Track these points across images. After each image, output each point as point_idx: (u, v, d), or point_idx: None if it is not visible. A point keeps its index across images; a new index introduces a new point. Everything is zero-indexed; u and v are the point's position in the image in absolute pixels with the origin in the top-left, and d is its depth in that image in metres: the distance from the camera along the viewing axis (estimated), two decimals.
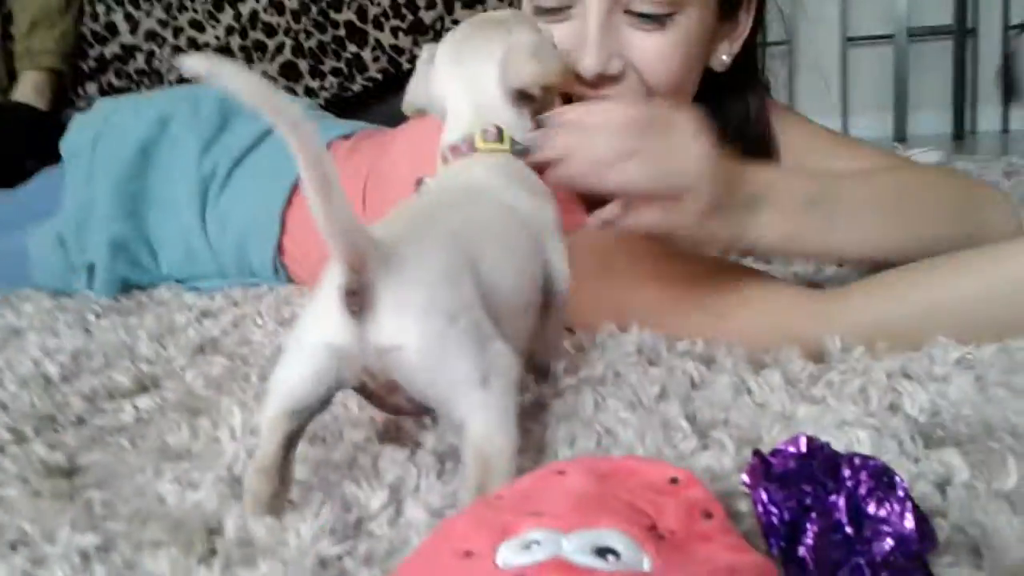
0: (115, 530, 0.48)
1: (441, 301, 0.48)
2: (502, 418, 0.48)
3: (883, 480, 0.41)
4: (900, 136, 3.06)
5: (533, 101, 0.68)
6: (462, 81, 0.68)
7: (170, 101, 1.20)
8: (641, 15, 0.78)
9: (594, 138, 0.64)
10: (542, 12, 0.81)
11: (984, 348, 0.66)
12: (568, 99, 0.77)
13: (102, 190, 1.13)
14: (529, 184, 0.65)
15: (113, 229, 1.13)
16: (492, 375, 0.48)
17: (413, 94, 0.72)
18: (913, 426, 0.55)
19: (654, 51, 0.80)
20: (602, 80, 0.79)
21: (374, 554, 0.44)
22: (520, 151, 0.65)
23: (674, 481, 0.44)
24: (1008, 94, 3.16)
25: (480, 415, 0.47)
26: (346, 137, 1.16)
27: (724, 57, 0.89)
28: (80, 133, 1.19)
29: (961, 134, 3.16)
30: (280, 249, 1.11)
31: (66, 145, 1.19)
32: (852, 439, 0.52)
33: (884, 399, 0.60)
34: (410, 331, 0.47)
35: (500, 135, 0.65)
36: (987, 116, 3.45)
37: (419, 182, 0.65)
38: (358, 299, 0.46)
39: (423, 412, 0.54)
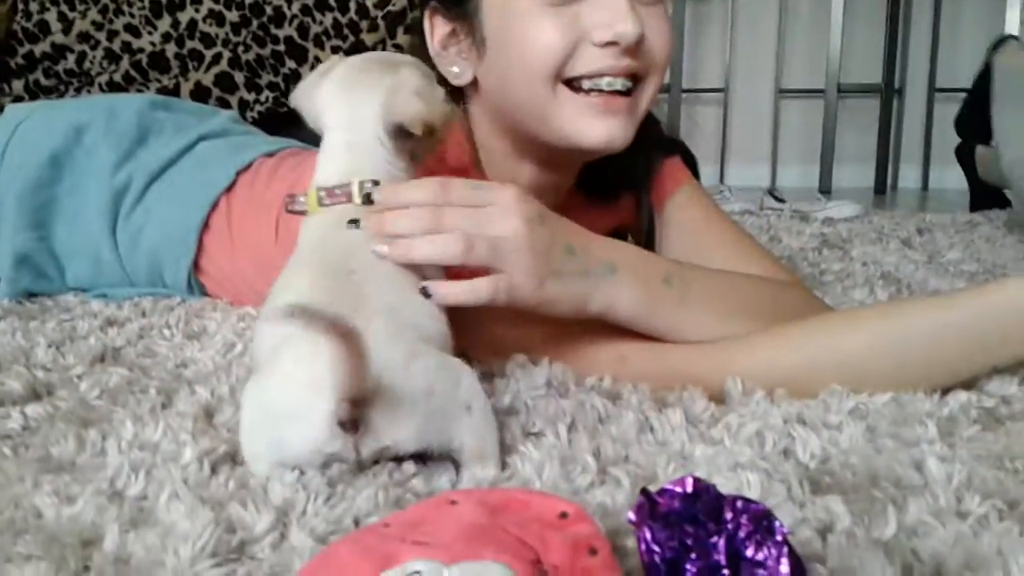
0: None
1: (423, 393, 0.54)
2: (488, 431, 0.58)
3: (763, 524, 0.42)
4: (825, 188, 3.16)
5: (410, 141, 0.70)
6: (344, 108, 0.71)
7: (86, 110, 1.16)
8: None
9: (408, 212, 0.67)
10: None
11: (877, 398, 0.68)
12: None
13: (8, 199, 1.09)
14: None
15: (18, 240, 1.09)
16: (472, 402, 0.57)
17: (299, 96, 0.74)
18: (803, 472, 0.56)
19: (659, 21, 0.83)
20: (636, 47, 0.79)
21: None
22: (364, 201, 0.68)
23: (564, 516, 0.44)
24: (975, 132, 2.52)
25: (470, 437, 0.56)
26: (271, 155, 1.14)
27: None
28: None
29: (883, 189, 3.28)
30: (196, 266, 1.08)
31: None
32: (743, 481, 0.53)
33: (779, 444, 0.61)
34: (405, 428, 0.53)
35: (349, 197, 0.67)
36: (908, 174, 3.58)
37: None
38: (353, 421, 0.51)
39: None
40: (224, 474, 0.55)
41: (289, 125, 1.77)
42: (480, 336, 0.78)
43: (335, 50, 1.95)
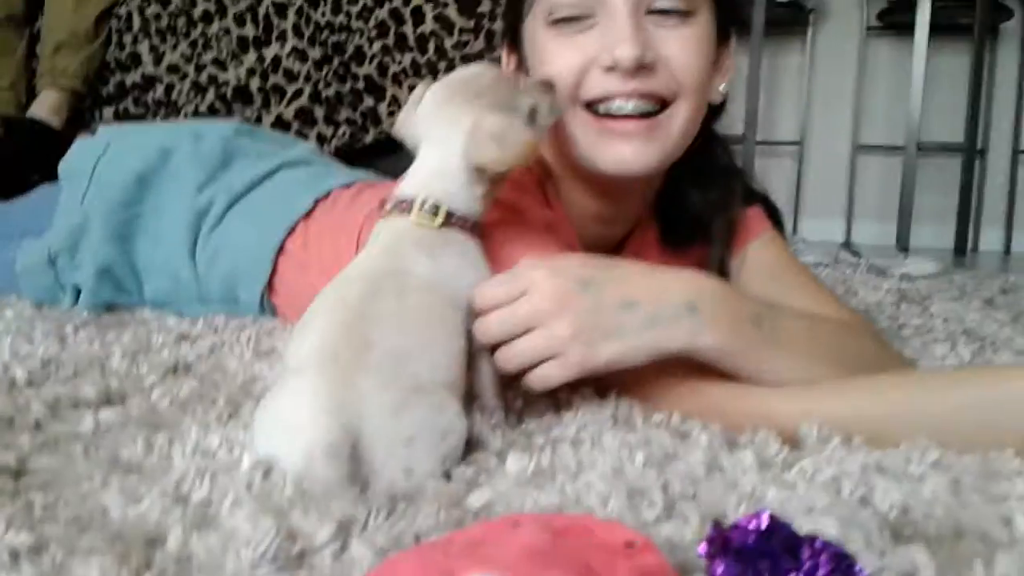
0: (51, 533, 0.46)
1: (406, 440, 0.56)
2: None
3: (842, 565, 0.40)
4: (902, 246, 3.09)
5: (487, 174, 0.74)
6: (431, 138, 0.74)
7: (174, 134, 1.21)
8: (663, 12, 0.82)
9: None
10: (560, 23, 0.83)
11: (963, 455, 0.65)
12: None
13: (96, 214, 1.13)
14: (461, 258, 0.71)
15: (102, 254, 1.12)
16: (451, 452, 0.59)
17: (401, 123, 0.79)
18: (882, 520, 0.54)
19: (681, 43, 0.83)
20: (639, 70, 0.80)
21: None
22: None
23: (630, 545, 0.42)
24: None
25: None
26: (348, 186, 1.16)
27: (720, 88, 0.92)
28: (80, 156, 1.19)
29: (963, 250, 3.18)
30: (269, 287, 1.10)
31: (65, 166, 1.19)
32: (818, 526, 0.51)
33: (856, 491, 0.58)
34: (389, 471, 0.55)
35: (436, 211, 0.71)
36: (990, 236, 3.49)
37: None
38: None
39: None
40: (286, 486, 0.54)
41: (365, 160, 1.82)
42: None
43: (412, 89, 1.99)
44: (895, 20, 3.39)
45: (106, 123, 2.17)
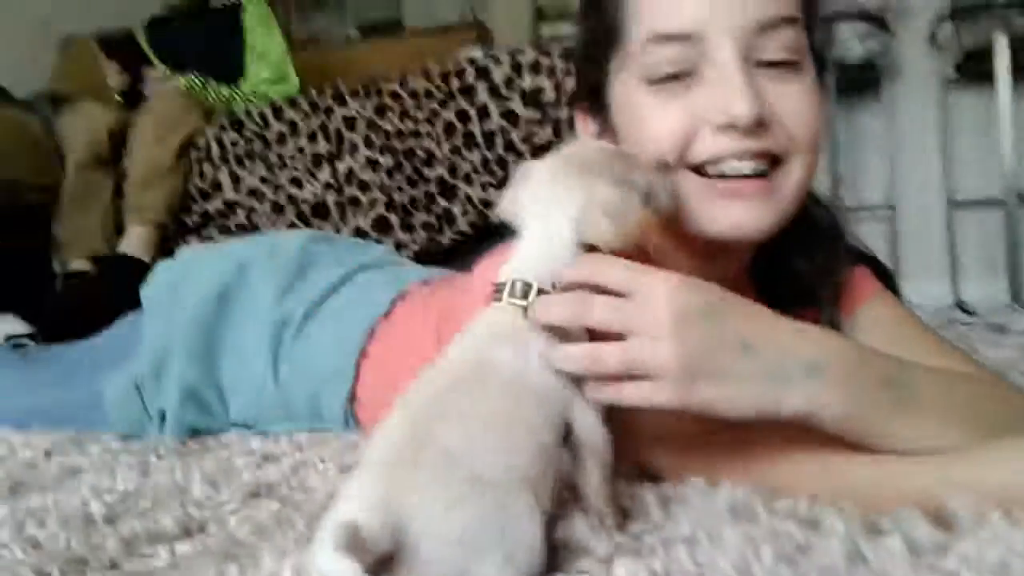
0: None
1: (456, 542, 0.51)
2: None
3: None
4: (1017, 300, 2.90)
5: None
6: (537, 221, 0.68)
7: (249, 248, 1.20)
8: (773, 64, 0.74)
9: (563, 299, 0.63)
10: (659, 82, 0.75)
11: None
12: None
13: (178, 337, 1.12)
14: (552, 345, 0.63)
15: (186, 375, 1.11)
16: (515, 552, 0.52)
17: (504, 207, 0.71)
18: None
19: (796, 96, 0.75)
20: (757, 127, 0.73)
21: None
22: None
23: None
24: None
25: None
26: (426, 283, 1.13)
27: None
28: (160, 280, 1.19)
29: None
30: (354, 398, 1.06)
31: (147, 291, 1.19)
32: None
33: None
34: (446, 567, 0.50)
35: (527, 293, 0.64)
36: None
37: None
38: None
39: None
40: None
41: (443, 262, 1.80)
42: (646, 437, 0.71)
43: (484, 186, 1.99)
44: (973, 70, 3.27)
45: None
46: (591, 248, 0.66)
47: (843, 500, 0.63)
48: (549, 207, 0.67)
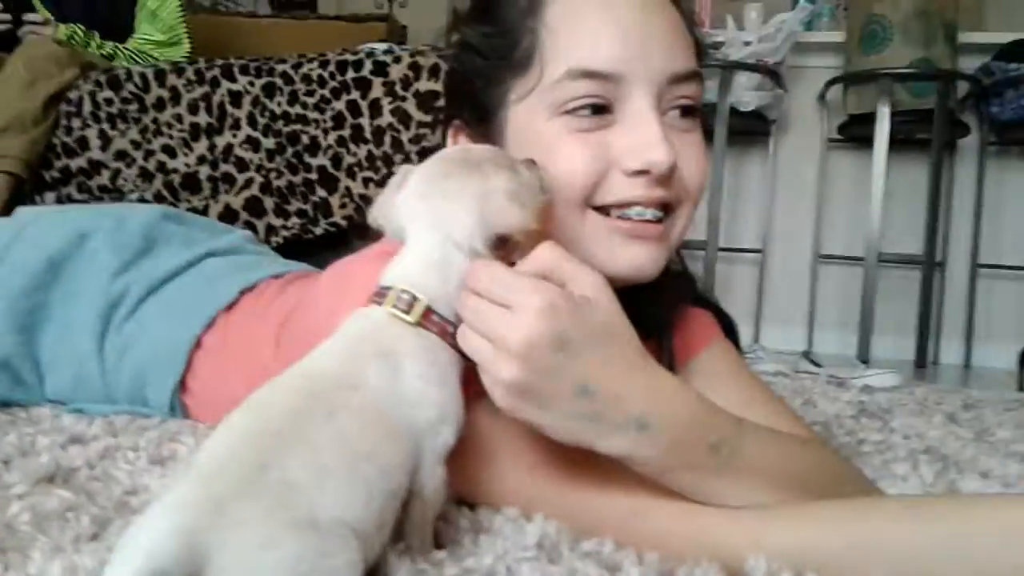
0: None
1: None
2: None
3: None
4: (863, 357, 3.05)
5: (508, 246, 0.64)
6: (431, 221, 0.64)
7: (95, 216, 1.13)
8: (681, 110, 0.77)
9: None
10: (573, 114, 0.75)
11: None
12: None
13: (1, 301, 1.04)
14: (428, 371, 0.61)
15: (2, 345, 1.03)
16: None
17: (378, 211, 0.68)
18: None
19: (695, 149, 0.78)
20: (668, 177, 0.74)
21: None
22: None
23: None
24: None
25: None
26: (278, 276, 1.09)
27: None
28: None
29: (923, 362, 3.15)
30: (182, 386, 1.01)
31: None
32: None
33: None
34: None
35: (411, 304, 0.61)
36: (950, 348, 3.47)
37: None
38: None
39: None
40: None
41: (314, 253, 1.76)
42: (485, 481, 0.70)
43: (366, 182, 1.95)
44: (855, 133, 3.44)
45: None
46: (501, 240, 0.64)
47: (650, 548, 0.64)
48: (439, 209, 0.64)
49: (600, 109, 0.74)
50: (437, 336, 0.62)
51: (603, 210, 0.76)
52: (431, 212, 0.64)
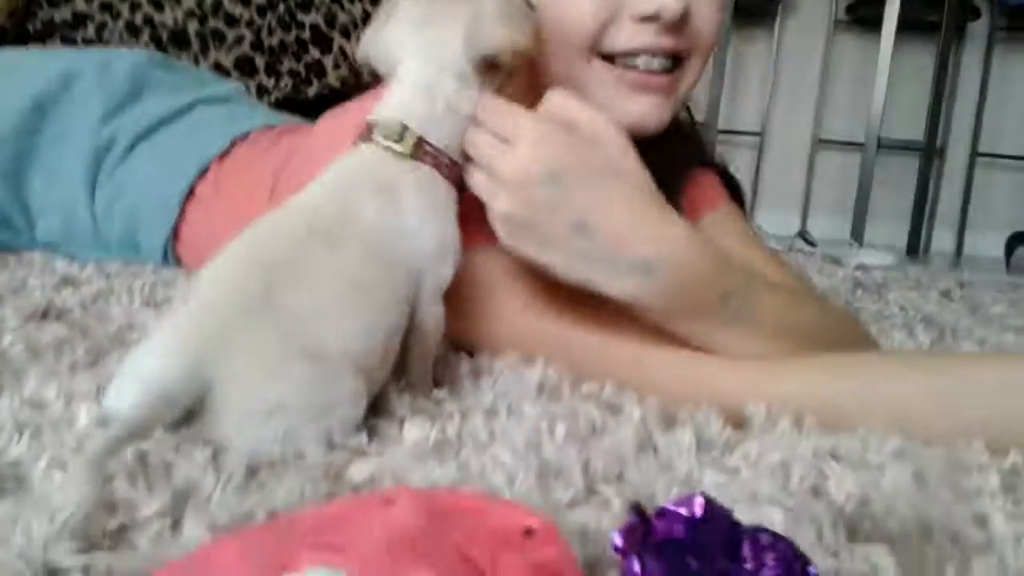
0: None
1: (276, 407, 0.46)
2: None
3: (792, 568, 0.31)
4: (857, 240, 3.05)
5: (498, 72, 0.62)
6: (419, 47, 0.62)
7: (80, 59, 1.08)
8: None
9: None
10: None
11: (927, 446, 0.57)
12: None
13: None
14: (424, 203, 0.59)
15: None
16: (329, 434, 0.48)
17: (367, 46, 0.65)
18: (836, 514, 0.45)
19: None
20: (678, 24, 0.70)
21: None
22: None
23: (529, 532, 0.33)
24: None
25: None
26: (271, 128, 1.05)
27: None
28: None
29: (915, 250, 3.16)
30: (175, 235, 0.99)
31: None
32: (762, 518, 0.43)
33: (807, 479, 0.50)
34: (250, 435, 0.45)
35: (402, 135, 0.59)
36: (942, 236, 3.47)
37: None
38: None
39: None
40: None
41: (306, 115, 1.70)
42: (484, 322, 0.70)
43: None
44: (863, 15, 3.33)
45: None
46: (487, 63, 0.61)
47: (650, 393, 0.63)
48: (430, 35, 0.61)
49: None
50: (430, 168, 0.60)
51: (609, 59, 0.73)
52: (418, 38, 0.62)
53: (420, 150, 0.60)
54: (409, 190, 0.58)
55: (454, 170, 0.62)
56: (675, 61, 0.74)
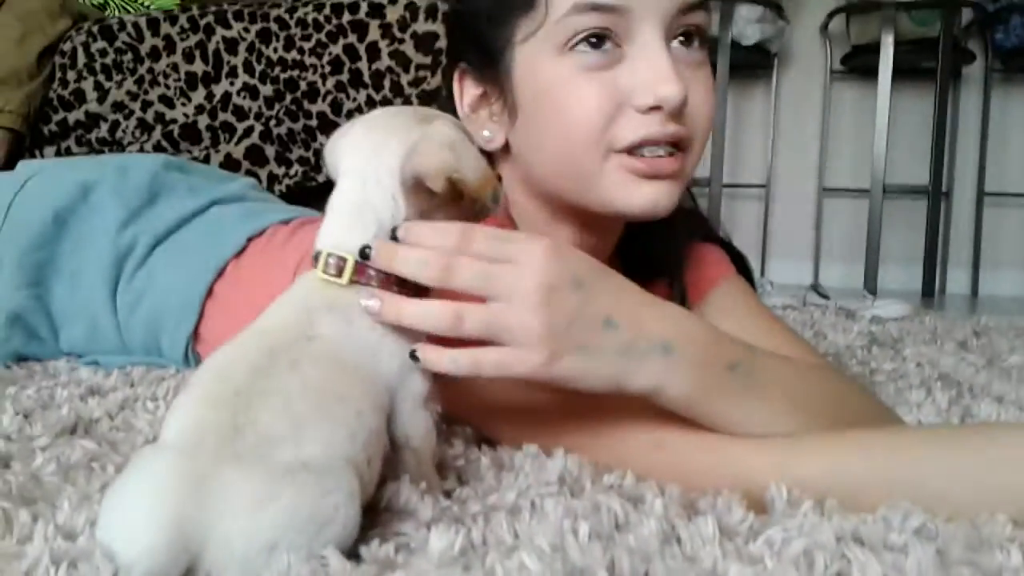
0: None
1: (267, 545, 0.46)
2: None
3: None
4: (870, 288, 3.05)
5: (431, 200, 0.60)
6: (361, 155, 0.60)
7: (97, 168, 1.12)
8: (687, 38, 0.75)
9: (420, 253, 0.59)
10: (577, 49, 0.73)
11: (949, 522, 0.57)
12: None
13: (8, 257, 1.04)
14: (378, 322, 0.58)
15: (14, 299, 1.03)
16: (331, 540, 0.47)
17: (328, 147, 0.65)
18: None
19: (704, 84, 0.76)
20: (680, 111, 0.73)
21: None
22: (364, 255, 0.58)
23: None
24: None
25: None
26: (286, 223, 1.08)
27: None
28: None
29: (931, 292, 3.15)
30: (195, 336, 1.01)
31: None
32: None
33: (831, 566, 0.51)
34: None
35: (341, 267, 0.58)
36: (957, 277, 3.47)
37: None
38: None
39: None
40: None
41: (318, 201, 1.74)
42: (485, 403, 0.70)
43: None
44: (858, 64, 3.39)
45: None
46: (419, 186, 0.58)
47: (672, 480, 0.64)
48: (370, 150, 0.60)
49: (606, 41, 0.72)
50: (379, 287, 0.59)
51: (616, 151, 0.75)
52: (366, 148, 0.60)
53: (363, 275, 0.58)
54: (358, 310, 0.58)
55: (406, 283, 0.59)
56: (677, 146, 0.76)
